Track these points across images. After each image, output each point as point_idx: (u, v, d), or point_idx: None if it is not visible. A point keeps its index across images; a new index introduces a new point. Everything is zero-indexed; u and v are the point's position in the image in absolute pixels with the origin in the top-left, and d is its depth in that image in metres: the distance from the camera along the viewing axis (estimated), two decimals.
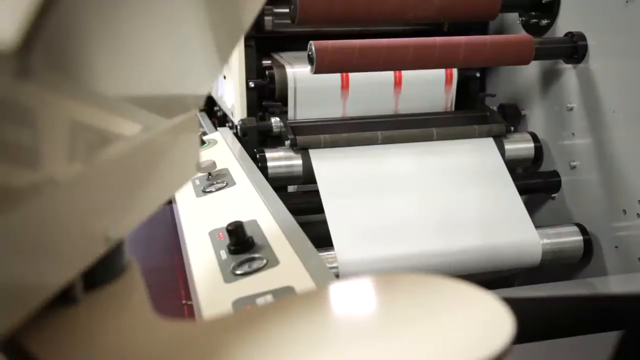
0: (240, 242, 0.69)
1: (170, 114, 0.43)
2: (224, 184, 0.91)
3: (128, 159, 0.36)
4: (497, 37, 1.04)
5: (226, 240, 0.71)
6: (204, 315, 0.58)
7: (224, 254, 0.69)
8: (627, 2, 0.95)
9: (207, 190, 0.91)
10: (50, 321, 0.31)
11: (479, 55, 1.02)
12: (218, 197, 0.88)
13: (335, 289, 0.37)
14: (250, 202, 0.83)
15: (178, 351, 0.32)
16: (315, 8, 1.04)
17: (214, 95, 1.60)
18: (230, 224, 0.69)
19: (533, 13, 1.17)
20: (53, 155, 0.28)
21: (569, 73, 1.10)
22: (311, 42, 0.98)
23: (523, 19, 1.20)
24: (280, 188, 1.20)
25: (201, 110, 1.89)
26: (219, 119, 1.63)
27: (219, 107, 1.54)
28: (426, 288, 0.34)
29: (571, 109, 1.10)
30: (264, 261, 0.66)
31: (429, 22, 1.26)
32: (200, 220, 0.81)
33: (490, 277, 1.14)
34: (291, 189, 1.25)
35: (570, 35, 1.07)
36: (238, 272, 0.65)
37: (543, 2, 1.13)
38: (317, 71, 0.98)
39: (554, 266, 1.10)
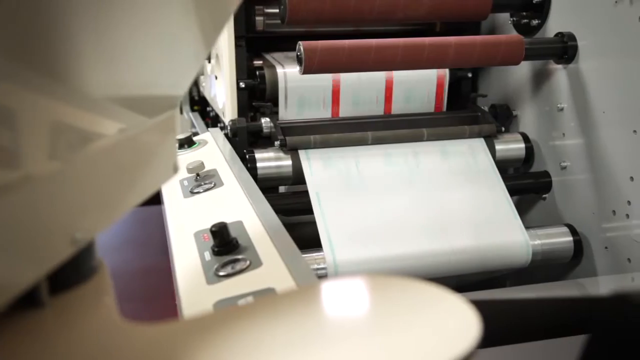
0: (224, 243, 0.69)
1: (145, 113, 0.43)
2: (212, 185, 0.91)
3: (97, 158, 0.36)
4: (487, 38, 1.04)
5: (211, 241, 0.70)
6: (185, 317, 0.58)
7: (207, 255, 0.69)
8: (616, 2, 0.95)
9: (195, 191, 0.90)
10: (14, 325, 0.31)
11: (469, 56, 1.02)
12: (205, 198, 0.88)
13: (309, 290, 0.37)
14: (237, 203, 0.83)
15: (143, 355, 0.32)
16: (305, 8, 1.04)
17: (206, 95, 1.60)
18: (214, 225, 0.69)
19: (524, 13, 1.17)
20: (15, 153, 0.27)
21: (560, 73, 1.10)
22: (300, 42, 0.98)
23: (514, 19, 1.19)
24: (271, 188, 1.20)
25: (194, 111, 1.89)
26: (213, 119, 1.63)
27: (212, 107, 1.54)
28: (396, 290, 0.34)
29: (562, 109, 1.10)
30: (247, 262, 0.65)
31: (420, 22, 1.26)
32: (187, 221, 0.81)
33: (481, 277, 1.14)
34: (282, 189, 1.25)
35: (560, 35, 1.07)
36: (221, 273, 0.65)
37: (534, 2, 1.13)
38: (305, 71, 0.98)
39: (545, 266, 1.10)
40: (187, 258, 0.70)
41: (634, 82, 0.92)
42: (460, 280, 1.17)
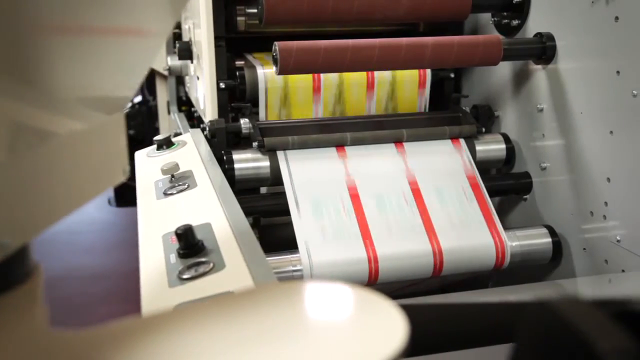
0: (189, 245, 0.68)
1: (87, 114, 0.42)
2: (186, 187, 0.91)
3: (32, 159, 0.35)
4: (464, 38, 1.04)
5: (177, 243, 0.70)
6: None
7: (173, 258, 0.69)
8: (592, 2, 0.94)
9: (168, 192, 0.90)
10: None
11: (447, 56, 1.02)
12: (178, 200, 0.88)
13: (244, 294, 0.36)
14: (208, 204, 0.83)
15: None
16: (282, 8, 1.04)
17: (191, 96, 1.59)
18: (179, 228, 0.69)
19: (505, 13, 1.16)
20: None
21: (539, 74, 1.10)
22: (275, 42, 0.97)
23: (495, 19, 1.19)
24: (253, 189, 1.19)
25: (182, 111, 1.88)
26: (198, 120, 1.62)
27: (196, 108, 1.53)
28: (327, 295, 0.34)
29: (541, 110, 1.10)
30: (211, 265, 0.65)
31: (399, 22, 1.26)
32: (157, 223, 0.80)
33: (463, 277, 1.14)
34: (264, 190, 1.24)
35: (539, 35, 1.06)
36: (183, 276, 0.64)
37: (514, 2, 1.12)
38: (281, 72, 0.97)
39: (526, 267, 1.10)
40: (153, 260, 0.70)
41: (610, 82, 0.92)
42: (443, 281, 1.17)
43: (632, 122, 0.89)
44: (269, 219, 1.25)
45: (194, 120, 1.68)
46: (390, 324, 0.31)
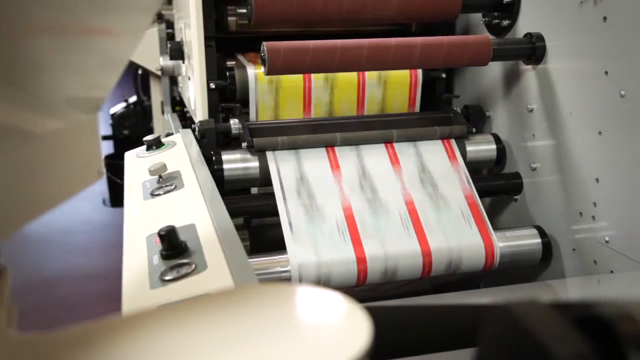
0: (172, 247, 0.68)
1: (62, 114, 0.42)
2: (173, 187, 0.90)
3: (6, 159, 0.35)
4: (454, 38, 1.03)
5: (161, 245, 0.70)
6: None
7: (156, 259, 0.68)
8: (581, 2, 0.94)
9: (155, 193, 0.89)
10: None
11: (436, 56, 1.02)
12: (164, 201, 0.87)
13: (208, 299, 0.36)
14: (193, 205, 0.82)
15: None
16: (271, 8, 1.03)
17: (183, 96, 1.59)
18: (162, 229, 0.68)
19: (495, 14, 1.16)
20: None
21: (530, 74, 1.10)
22: (264, 43, 0.97)
23: (486, 19, 1.19)
24: (243, 190, 1.19)
25: (176, 111, 1.88)
26: (190, 120, 1.62)
27: (188, 108, 1.53)
28: (292, 297, 0.34)
29: (531, 110, 1.09)
30: (193, 267, 0.65)
31: (390, 23, 1.26)
32: (142, 224, 0.80)
33: (455, 278, 1.13)
34: (255, 190, 1.24)
35: (529, 36, 1.06)
36: (165, 277, 0.64)
37: (504, 2, 1.12)
38: (269, 72, 0.97)
39: (518, 268, 1.09)
40: (136, 261, 0.70)
41: (598, 83, 0.92)
42: (435, 282, 1.17)
43: (620, 123, 0.89)
44: (260, 220, 1.25)
45: (187, 120, 1.68)
46: (355, 326, 0.31)
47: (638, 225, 0.88)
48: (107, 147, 2.61)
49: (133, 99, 2.47)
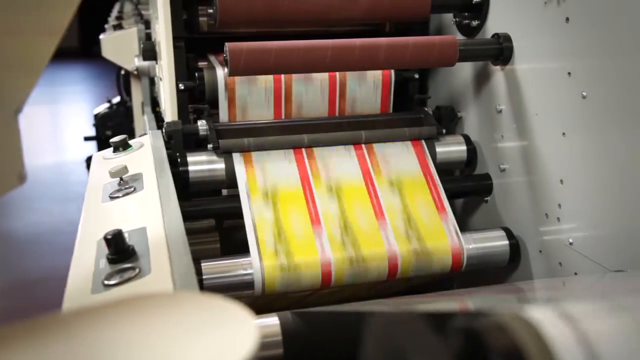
0: (118, 251, 0.67)
1: None
2: (132, 190, 0.89)
3: None
4: (420, 39, 1.02)
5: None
6: None
7: (102, 263, 0.68)
8: (545, 3, 0.93)
9: (114, 195, 0.89)
10: None
11: (401, 57, 1.01)
12: (122, 203, 0.87)
13: (100, 308, 0.35)
14: (149, 208, 0.81)
15: None
16: (236, 9, 1.03)
17: (158, 97, 1.58)
18: (108, 233, 0.68)
19: (466, 14, 1.15)
20: None
21: (499, 75, 1.09)
22: (226, 43, 0.96)
23: (457, 19, 1.18)
24: (215, 192, 1.18)
25: (155, 112, 1.87)
26: (163, 121, 1.61)
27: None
28: (183, 305, 0.33)
29: (500, 111, 1.09)
30: (136, 271, 0.64)
31: (359, 23, 1.25)
32: (96, 227, 0.79)
33: (428, 280, 1.13)
34: (225, 192, 1.23)
35: (496, 36, 1.05)
36: (109, 282, 0.63)
37: (473, 2, 1.11)
38: (231, 73, 0.96)
39: (490, 268, 1.09)
40: (83, 265, 0.69)
41: (562, 84, 0.91)
42: (408, 283, 1.16)
43: (582, 124, 0.88)
44: (232, 221, 1.24)
45: (162, 121, 1.67)
46: (242, 333, 0.30)
47: (599, 227, 0.87)
48: (90, 148, 2.59)
49: (117, 99, 2.46)
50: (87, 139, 2.63)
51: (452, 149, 1.16)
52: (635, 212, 0.79)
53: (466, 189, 1.16)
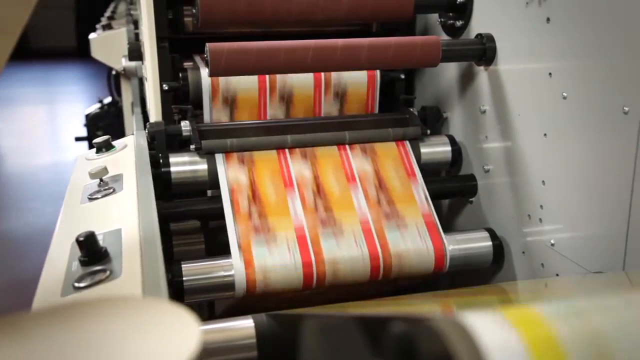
0: (91, 253, 0.67)
1: None
2: (111, 191, 0.89)
3: None
4: (402, 39, 1.02)
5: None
6: None
7: (75, 265, 0.67)
8: (527, 3, 0.93)
9: (93, 197, 0.88)
10: None
11: (384, 57, 1.00)
12: (101, 205, 0.86)
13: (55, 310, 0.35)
14: (126, 210, 0.81)
15: None
16: (218, 9, 1.02)
17: (146, 97, 1.58)
18: (80, 235, 0.67)
19: (450, 14, 1.15)
20: None
21: (482, 75, 1.09)
22: (207, 44, 0.96)
23: (442, 20, 1.18)
24: (201, 192, 1.18)
25: (144, 112, 1.87)
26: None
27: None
28: (131, 309, 0.33)
29: (484, 111, 1.08)
30: (107, 274, 0.64)
31: (343, 23, 1.24)
32: (73, 229, 0.79)
33: (408, 282, 1.12)
34: (210, 193, 1.22)
35: (479, 36, 1.05)
36: (79, 284, 0.63)
37: (457, 3, 1.11)
38: (212, 74, 0.96)
39: (477, 269, 1.08)
40: (56, 267, 0.68)
41: (543, 84, 0.91)
42: (395, 285, 1.16)
43: (562, 125, 0.88)
44: (218, 222, 1.24)
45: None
46: (185, 336, 0.30)
47: (579, 228, 0.87)
48: (82, 149, 2.59)
49: (108, 99, 2.45)
50: (78, 139, 2.63)
51: (437, 149, 1.16)
52: (614, 214, 0.79)
53: (451, 189, 1.16)
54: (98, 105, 2.47)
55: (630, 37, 0.75)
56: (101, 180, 0.93)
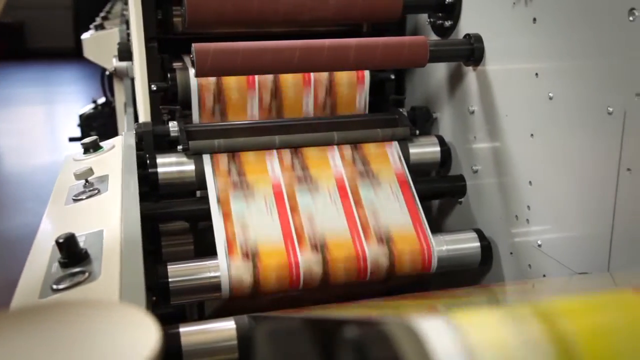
0: (70, 255, 0.67)
1: None
2: (96, 192, 0.89)
3: None
4: (390, 39, 1.02)
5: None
6: None
7: (55, 267, 0.67)
8: (514, 4, 0.93)
9: (78, 198, 0.88)
10: None
11: (371, 57, 1.00)
12: (85, 206, 0.86)
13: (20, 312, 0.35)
14: (109, 211, 0.81)
15: None
16: (205, 9, 1.02)
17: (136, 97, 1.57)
18: (60, 236, 0.67)
19: (439, 14, 1.15)
20: None
21: (471, 75, 1.08)
22: (193, 44, 0.96)
23: (431, 20, 1.17)
24: (190, 193, 1.17)
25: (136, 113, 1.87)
26: None
27: None
28: (91, 311, 0.33)
29: (473, 112, 1.08)
30: (86, 275, 0.63)
31: (331, 23, 1.24)
32: (55, 230, 0.79)
33: (398, 283, 1.12)
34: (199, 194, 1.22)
35: (467, 37, 1.05)
36: (57, 286, 0.63)
37: (446, 3, 1.10)
38: (198, 74, 0.95)
39: (467, 270, 1.08)
40: (36, 269, 0.68)
41: (530, 85, 0.90)
42: (387, 285, 1.15)
43: (549, 125, 0.88)
44: (207, 223, 1.23)
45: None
46: (143, 338, 0.30)
47: (565, 229, 0.86)
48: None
49: (102, 100, 2.45)
50: (72, 139, 2.62)
51: (426, 150, 1.16)
52: (600, 215, 0.79)
53: (441, 190, 1.16)
54: (92, 105, 2.47)
55: (613, 38, 0.74)
56: (87, 181, 0.93)
